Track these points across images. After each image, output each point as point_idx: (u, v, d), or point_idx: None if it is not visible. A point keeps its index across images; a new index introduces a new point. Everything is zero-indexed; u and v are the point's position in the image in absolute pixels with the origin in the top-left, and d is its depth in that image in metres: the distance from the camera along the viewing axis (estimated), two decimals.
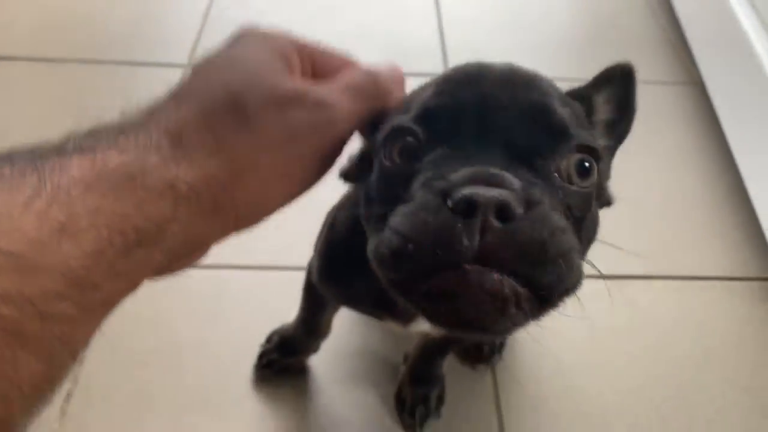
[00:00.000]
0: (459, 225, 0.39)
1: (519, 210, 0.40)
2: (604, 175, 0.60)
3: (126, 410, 0.92)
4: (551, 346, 1.01)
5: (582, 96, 0.58)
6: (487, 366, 0.99)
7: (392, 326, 0.72)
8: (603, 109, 0.60)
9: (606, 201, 0.58)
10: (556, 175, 0.46)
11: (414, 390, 0.92)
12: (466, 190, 0.40)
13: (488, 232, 0.39)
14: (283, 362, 0.96)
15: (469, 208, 0.39)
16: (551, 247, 0.40)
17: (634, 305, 1.09)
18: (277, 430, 0.91)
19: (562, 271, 0.40)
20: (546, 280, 0.40)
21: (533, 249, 0.40)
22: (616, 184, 1.09)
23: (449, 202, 0.40)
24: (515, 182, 0.41)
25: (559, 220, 0.43)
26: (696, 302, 1.10)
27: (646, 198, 1.28)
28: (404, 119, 0.48)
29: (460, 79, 0.49)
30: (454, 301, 0.40)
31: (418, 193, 0.43)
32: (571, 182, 0.46)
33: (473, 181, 0.41)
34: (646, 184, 1.30)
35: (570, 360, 1.00)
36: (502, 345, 1.00)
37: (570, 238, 0.43)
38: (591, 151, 0.47)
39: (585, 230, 0.48)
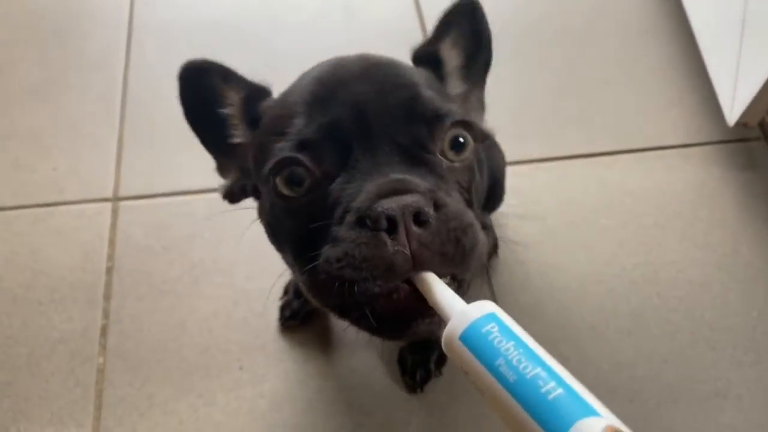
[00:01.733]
0: (390, 245, 0.45)
1: (431, 211, 0.46)
2: (477, 112, 0.67)
3: (161, 336, 1.01)
4: (531, 231, 1.12)
5: (429, 54, 0.63)
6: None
7: None
8: (452, 55, 0.64)
9: (484, 138, 0.65)
10: (441, 157, 0.52)
11: (413, 356, 0.96)
12: (381, 206, 0.45)
13: (412, 239, 0.45)
14: (305, 309, 1.00)
15: (390, 221, 0.45)
16: (466, 243, 0.48)
17: (604, 181, 1.19)
18: (298, 365, 1.02)
19: (475, 256, 0.49)
20: (464, 269, 0.49)
21: (451, 249, 0.47)
22: (571, 63, 1.14)
23: (368, 222, 0.45)
24: (418, 183, 0.48)
25: (464, 212, 0.50)
26: (657, 171, 1.21)
27: (603, 73, 1.34)
28: (286, 148, 0.50)
29: (327, 96, 0.51)
30: (400, 315, 0.47)
31: (339, 230, 0.47)
32: (451, 159, 0.53)
33: (380, 195, 0.46)
34: (605, 60, 1.36)
35: (550, 241, 1.11)
36: (496, 246, 1.08)
37: (476, 226, 0.50)
38: (464, 124, 0.54)
39: (475, 192, 0.56)
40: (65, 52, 1.39)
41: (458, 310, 0.41)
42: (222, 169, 0.68)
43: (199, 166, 1.18)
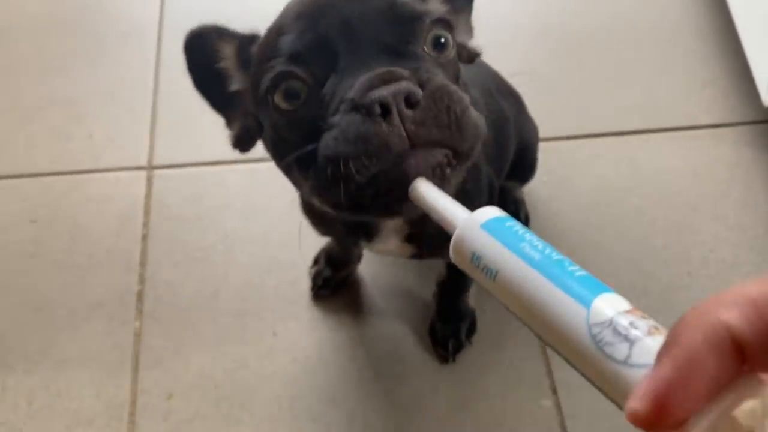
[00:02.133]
0: (384, 126, 0.48)
1: (419, 92, 0.49)
2: (465, 34, 0.68)
3: (195, 303, 1.04)
4: (562, 208, 1.13)
5: None
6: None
7: (366, 247, 0.82)
8: None
9: (470, 57, 0.67)
10: (424, 50, 0.55)
11: (444, 326, 0.97)
12: (372, 95, 0.48)
13: (406, 121, 0.48)
14: (337, 277, 1.02)
15: (383, 108, 0.48)
16: (456, 109, 0.51)
17: (635, 160, 1.19)
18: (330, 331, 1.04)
19: (472, 125, 0.52)
20: (461, 138, 0.51)
21: (445, 118, 0.50)
22: (601, 40, 1.11)
23: (362, 111, 0.48)
24: (403, 72, 0.50)
25: (449, 84, 0.52)
26: (689, 151, 1.21)
27: (637, 51, 1.34)
28: (278, 64, 0.53)
29: (311, 12, 0.54)
30: (405, 186, 0.48)
31: (335, 119, 0.50)
32: (435, 56, 0.55)
33: (371, 87, 0.49)
34: (638, 37, 1.35)
35: (581, 219, 1.12)
36: (527, 220, 1.09)
37: (463, 96, 0.53)
38: (444, 23, 0.56)
39: (462, 85, 0.58)
40: (99, 20, 1.40)
41: (467, 215, 0.40)
42: (229, 122, 0.70)
43: None
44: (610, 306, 0.31)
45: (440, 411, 0.94)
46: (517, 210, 1.09)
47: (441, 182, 0.48)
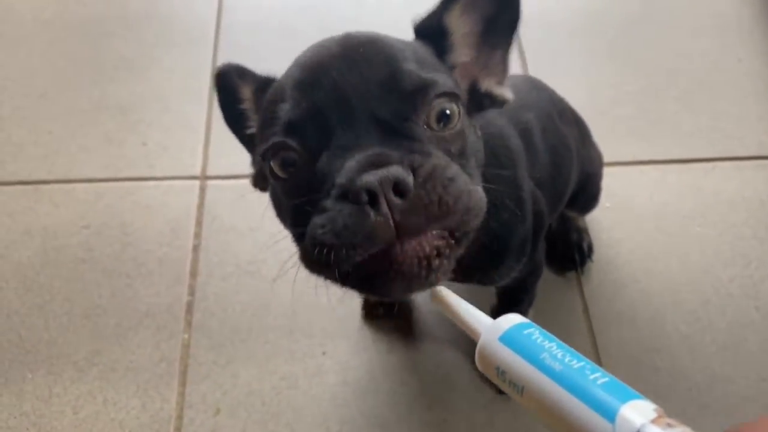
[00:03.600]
0: (372, 215, 0.46)
1: (410, 179, 0.46)
2: (495, 76, 0.64)
3: (245, 317, 1.02)
4: (625, 235, 1.09)
5: (431, 26, 0.61)
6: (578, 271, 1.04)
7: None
8: (462, 23, 0.61)
9: (496, 104, 0.63)
10: (425, 127, 0.52)
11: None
12: (360, 181, 0.46)
13: (394, 210, 0.46)
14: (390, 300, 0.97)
15: (371, 195, 0.46)
16: (450, 195, 0.48)
17: (700, 188, 1.15)
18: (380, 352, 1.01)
19: (465, 209, 0.49)
20: (455, 224, 0.48)
21: (436, 207, 0.47)
22: (668, 65, 1.05)
23: (350, 197, 0.46)
24: (394, 155, 0.48)
25: (444, 168, 0.49)
26: (756, 181, 1.16)
27: (705, 77, 1.29)
28: (275, 134, 0.52)
29: (309, 79, 0.53)
30: (389, 275, 0.47)
31: (325, 203, 0.48)
32: (438, 130, 0.53)
33: (360, 171, 0.47)
34: (704, 62, 1.31)
35: (644, 246, 1.08)
36: (590, 250, 1.05)
37: (460, 178, 0.50)
38: (450, 96, 0.53)
39: (468, 158, 0.55)
40: (155, 28, 1.40)
41: (489, 323, 0.41)
42: (252, 160, 0.71)
43: None
44: (637, 414, 0.31)
45: None
46: (580, 239, 1.05)
47: (428, 272, 0.47)
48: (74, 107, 1.28)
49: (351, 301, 1.02)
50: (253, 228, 1.10)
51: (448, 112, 0.53)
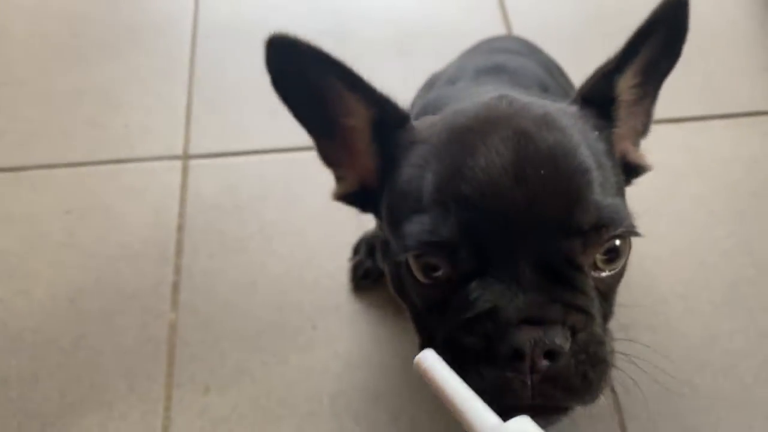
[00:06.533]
0: (510, 375, 0.43)
1: (565, 347, 0.43)
2: (635, 132, 0.59)
3: (233, 294, 1.00)
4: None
5: (602, 94, 0.54)
6: None
7: None
8: (630, 85, 0.55)
9: (641, 171, 0.60)
10: (589, 273, 0.47)
11: None
12: (513, 339, 0.42)
13: (538, 371, 0.42)
14: (378, 268, 0.96)
15: (518, 356, 0.42)
16: (596, 372, 0.45)
17: (693, 147, 1.12)
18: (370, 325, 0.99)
19: (600, 386, 0.46)
20: (583, 402, 0.46)
21: (578, 382, 0.44)
22: None
23: (498, 350, 0.43)
24: (558, 314, 0.43)
25: (600, 339, 0.45)
26: (750, 138, 1.14)
27: (694, 36, 1.27)
28: (420, 237, 0.45)
29: (470, 183, 0.44)
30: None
31: (467, 338, 0.44)
32: (600, 268, 0.47)
33: (514, 321, 0.43)
34: (695, 21, 1.29)
35: (637, 206, 1.05)
36: None
37: (609, 354, 0.46)
38: (630, 234, 0.48)
39: (610, 301, 0.50)
40: (135, 10, 1.38)
41: (494, 424, 0.37)
42: (326, 158, 0.59)
43: (269, 125, 1.18)
44: None
45: None
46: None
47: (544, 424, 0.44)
48: (54, 92, 1.25)
49: (339, 275, 1.00)
50: (238, 206, 1.08)
51: (619, 250, 0.47)
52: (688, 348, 0.92)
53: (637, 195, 1.05)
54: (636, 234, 0.48)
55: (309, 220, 1.06)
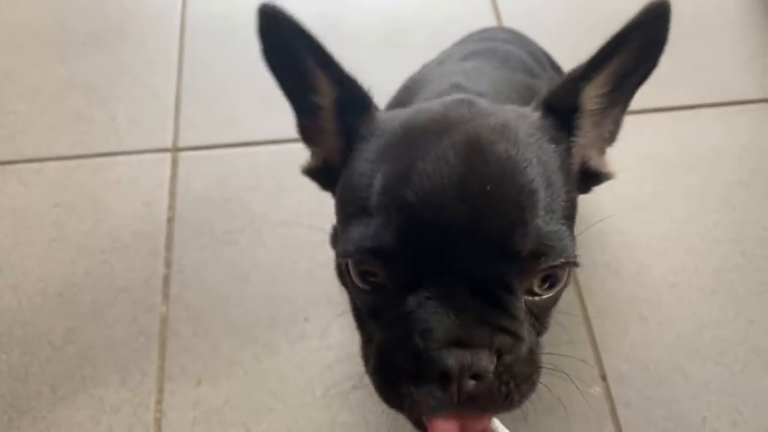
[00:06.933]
0: (437, 393, 0.45)
1: (489, 369, 0.45)
2: (601, 142, 0.57)
3: (224, 287, 0.99)
4: (607, 185, 1.07)
5: (566, 102, 0.52)
6: None
7: None
8: (596, 100, 0.53)
9: (603, 181, 0.58)
10: (523, 297, 0.47)
11: None
12: (441, 360, 0.44)
13: (463, 389, 0.45)
14: None
15: (446, 377, 0.44)
16: (520, 394, 0.47)
17: (682, 137, 1.13)
18: None
19: (525, 398, 0.48)
20: (510, 407, 0.48)
21: (502, 399, 0.46)
22: None
23: (426, 368, 0.45)
24: (483, 334, 0.45)
25: (527, 359, 0.47)
26: (739, 127, 1.14)
27: (683, 25, 1.27)
28: (361, 242, 0.46)
29: (416, 192, 0.44)
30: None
31: (399, 356, 0.46)
32: (536, 293, 0.48)
33: (444, 342, 0.44)
34: (684, 10, 1.29)
35: (628, 196, 1.06)
36: None
37: (536, 371, 0.48)
38: (571, 265, 0.47)
39: (543, 321, 0.51)
40: (122, 2, 1.37)
41: None
42: (303, 133, 0.60)
43: (259, 117, 1.17)
44: None
45: None
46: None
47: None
48: (41, 86, 1.24)
49: (331, 266, 1.00)
50: (228, 198, 1.07)
51: (556, 278, 0.48)
52: (678, 335, 0.93)
53: (626, 183, 1.06)
54: (575, 265, 0.48)
55: (300, 211, 1.05)
